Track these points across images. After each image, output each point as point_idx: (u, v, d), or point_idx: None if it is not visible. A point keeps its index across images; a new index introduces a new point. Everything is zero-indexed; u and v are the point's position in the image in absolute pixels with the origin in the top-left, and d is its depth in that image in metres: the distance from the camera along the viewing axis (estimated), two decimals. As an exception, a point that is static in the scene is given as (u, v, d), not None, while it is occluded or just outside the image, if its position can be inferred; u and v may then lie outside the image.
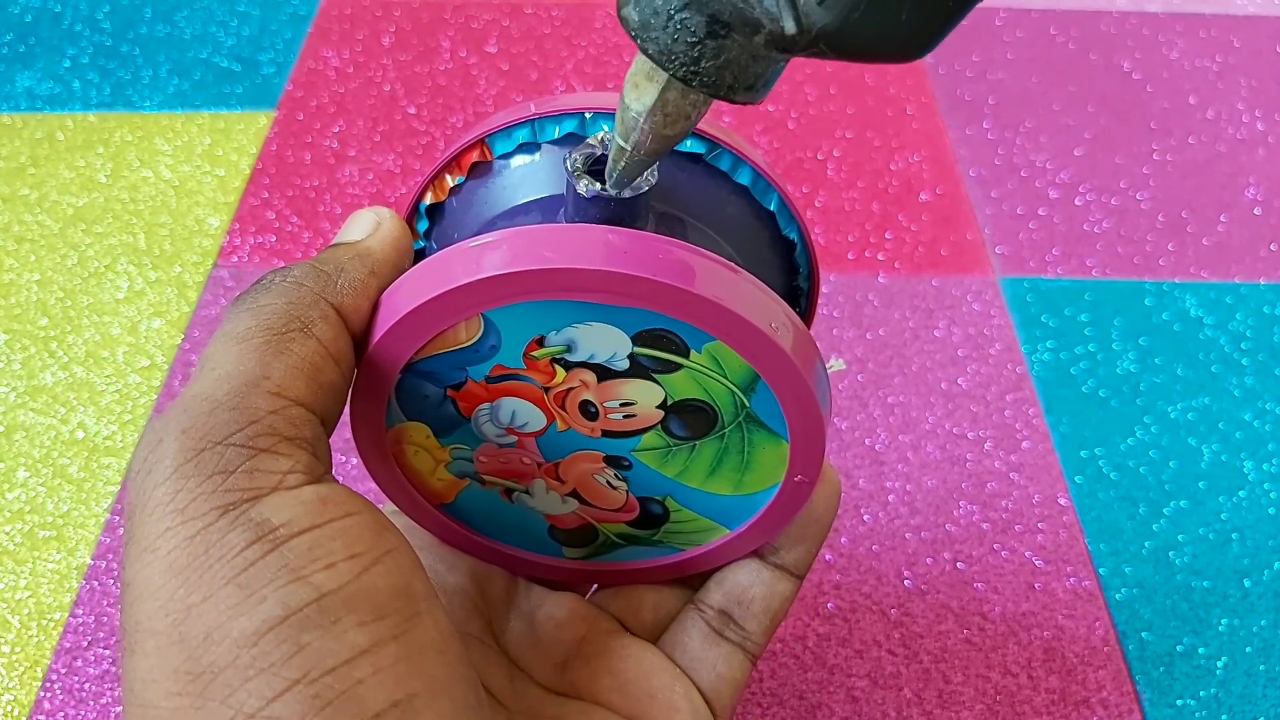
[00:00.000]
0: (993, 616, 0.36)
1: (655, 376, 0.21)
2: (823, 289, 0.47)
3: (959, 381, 0.43)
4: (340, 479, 0.20)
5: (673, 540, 0.25)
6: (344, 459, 0.39)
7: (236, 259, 0.47)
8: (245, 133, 0.54)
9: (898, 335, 0.45)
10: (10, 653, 0.34)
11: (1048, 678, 0.34)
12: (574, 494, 0.24)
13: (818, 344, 0.22)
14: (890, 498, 0.39)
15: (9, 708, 0.33)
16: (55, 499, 0.38)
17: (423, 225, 0.24)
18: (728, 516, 0.24)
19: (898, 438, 0.41)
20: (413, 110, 0.55)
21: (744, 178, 0.23)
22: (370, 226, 0.22)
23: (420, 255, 0.24)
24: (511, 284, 0.19)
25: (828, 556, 0.37)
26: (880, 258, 0.49)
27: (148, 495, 0.17)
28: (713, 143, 0.23)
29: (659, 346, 0.20)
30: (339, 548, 0.17)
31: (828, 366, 0.22)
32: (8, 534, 0.37)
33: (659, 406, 0.21)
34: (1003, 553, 0.38)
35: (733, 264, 0.20)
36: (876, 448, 0.41)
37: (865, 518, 0.38)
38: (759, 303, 0.19)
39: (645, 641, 0.26)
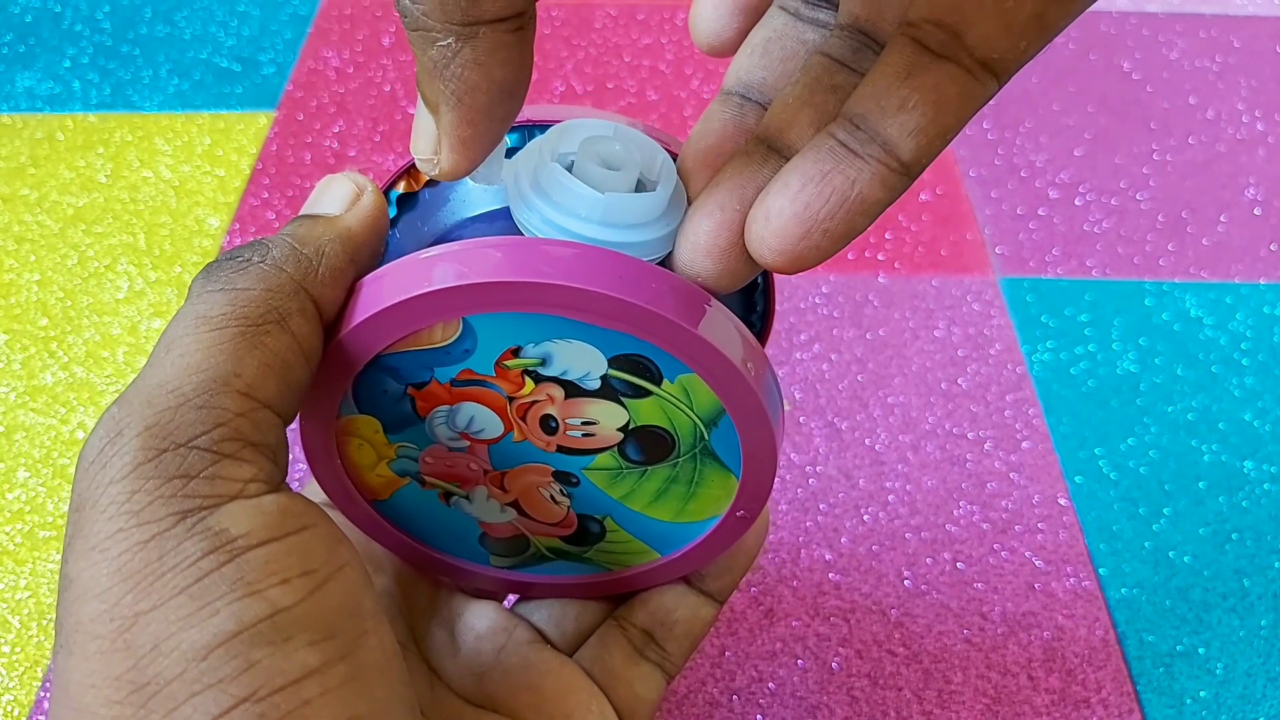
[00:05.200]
0: (993, 616, 0.36)
1: (623, 400, 0.21)
2: (822, 289, 0.47)
3: (959, 381, 0.43)
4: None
5: (601, 559, 0.25)
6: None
7: (236, 259, 0.47)
8: (245, 133, 0.54)
9: (898, 335, 0.45)
10: (10, 653, 0.34)
11: (1048, 678, 0.34)
12: (514, 504, 0.24)
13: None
14: (890, 498, 0.39)
15: (9, 708, 0.33)
16: (55, 499, 0.38)
17: (390, 213, 0.23)
18: (662, 542, 0.24)
19: (898, 438, 0.41)
20: (412, 110, 0.55)
21: None
22: (347, 198, 0.20)
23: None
24: (504, 293, 0.18)
25: (828, 556, 0.37)
26: (880, 258, 0.49)
27: (101, 491, 0.16)
28: None
29: (633, 371, 0.20)
30: (295, 563, 0.17)
31: None
32: (8, 534, 0.37)
33: (620, 429, 0.21)
34: (1003, 553, 0.38)
35: (716, 299, 0.20)
36: (876, 448, 0.41)
37: (865, 518, 0.38)
38: (737, 342, 0.19)
39: (565, 657, 0.25)
